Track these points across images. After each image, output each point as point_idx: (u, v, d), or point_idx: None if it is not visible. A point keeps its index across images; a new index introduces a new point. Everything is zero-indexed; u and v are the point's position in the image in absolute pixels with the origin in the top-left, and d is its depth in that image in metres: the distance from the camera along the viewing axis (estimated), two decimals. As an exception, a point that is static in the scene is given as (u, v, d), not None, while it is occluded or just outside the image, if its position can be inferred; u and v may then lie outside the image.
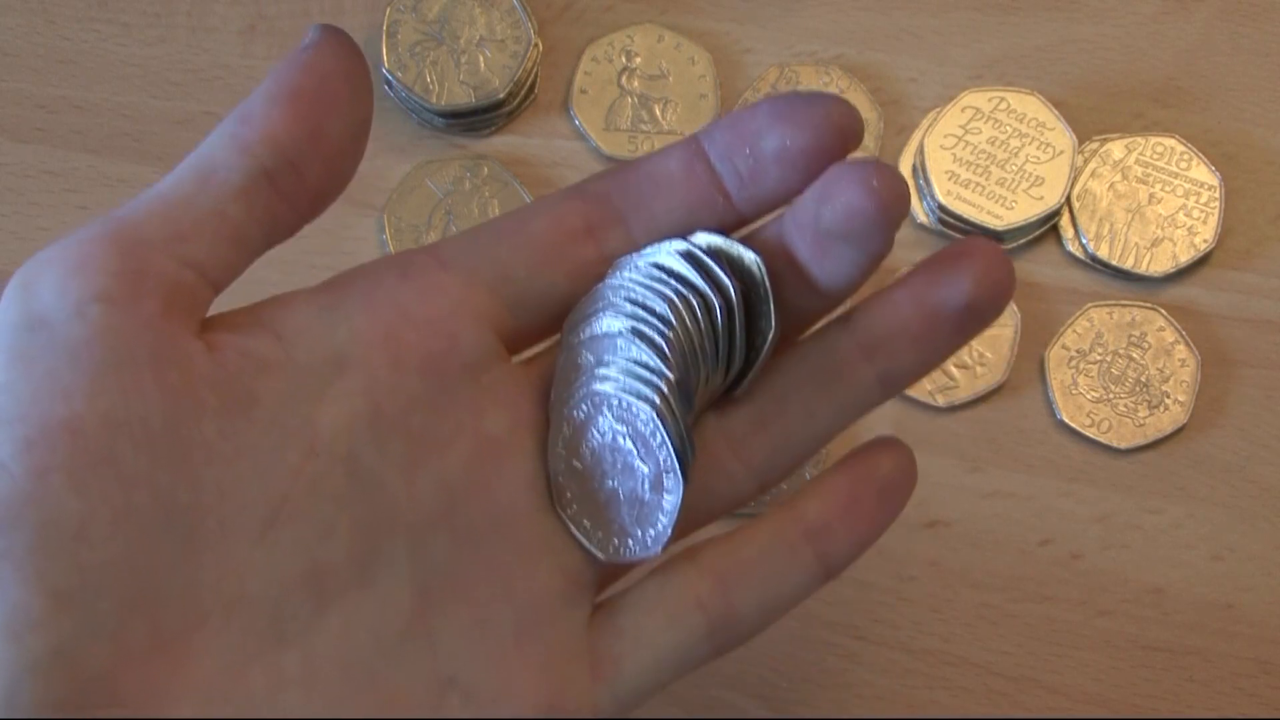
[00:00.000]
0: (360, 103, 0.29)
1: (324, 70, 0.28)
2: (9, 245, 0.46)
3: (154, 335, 0.26)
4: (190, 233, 0.27)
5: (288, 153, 0.28)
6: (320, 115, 0.28)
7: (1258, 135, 0.47)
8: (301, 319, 0.29)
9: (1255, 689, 0.42)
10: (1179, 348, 0.44)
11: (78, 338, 0.26)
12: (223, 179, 0.28)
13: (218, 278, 0.28)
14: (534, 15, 0.47)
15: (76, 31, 0.48)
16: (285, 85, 0.28)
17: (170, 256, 0.27)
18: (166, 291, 0.27)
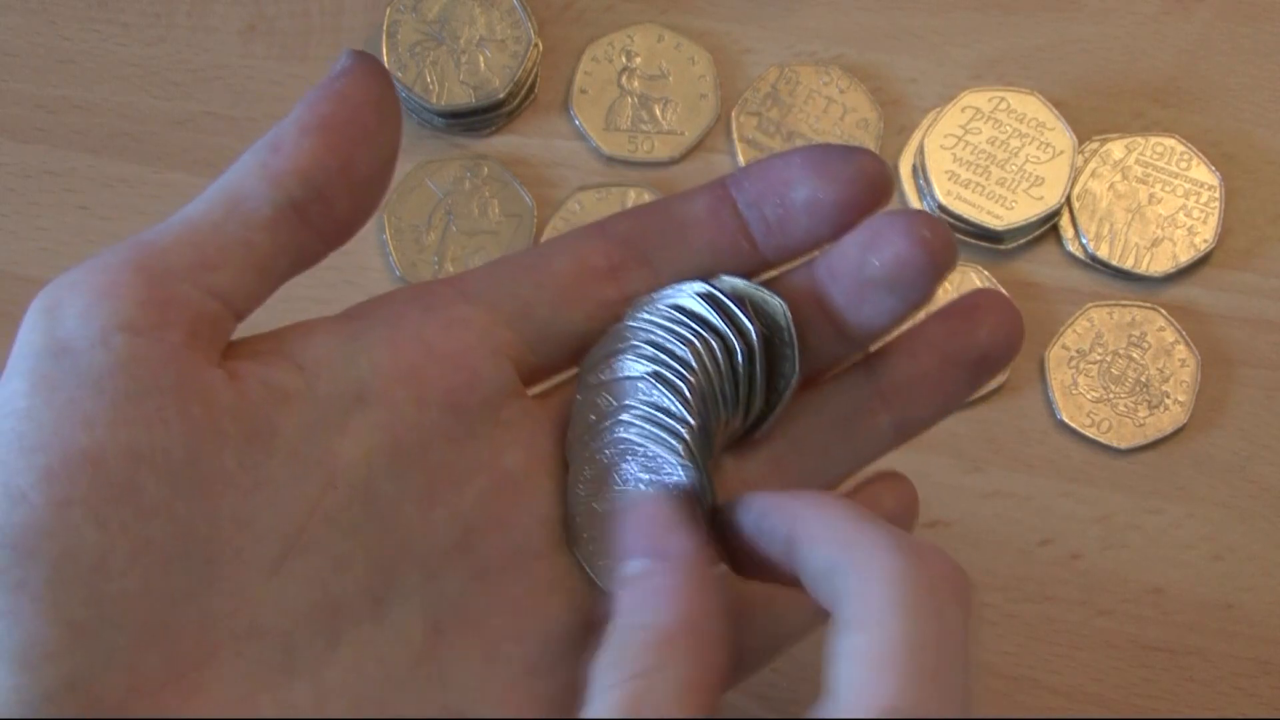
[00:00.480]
0: (390, 133, 0.29)
1: (356, 100, 0.28)
2: (9, 245, 0.46)
3: (178, 366, 0.26)
4: (217, 261, 0.27)
5: (317, 184, 0.28)
6: (351, 146, 0.28)
7: (1258, 135, 0.47)
8: (324, 349, 0.29)
9: (1255, 689, 0.42)
10: (1179, 348, 0.44)
11: (101, 366, 0.26)
12: (251, 209, 0.28)
13: (242, 306, 0.28)
14: (534, 15, 0.47)
15: (76, 31, 0.48)
16: (317, 115, 0.28)
17: (196, 285, 0.27)
18: (191, 321, 0.27)
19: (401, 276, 0.45)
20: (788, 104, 0.47)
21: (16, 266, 0.46)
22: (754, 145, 0.46)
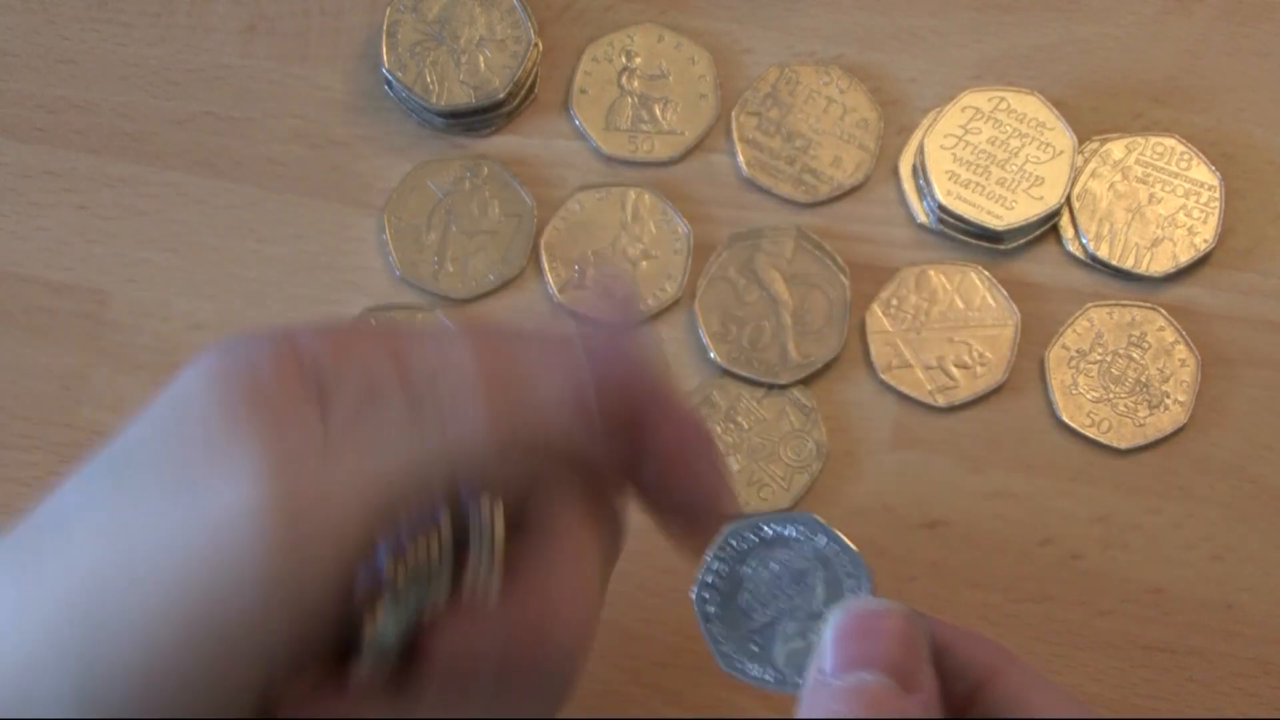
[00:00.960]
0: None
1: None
2: (9, 245, 0.46)
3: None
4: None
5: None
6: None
7: (1258, 135, 0.47)
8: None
9: (1255, 689, 0.42)
10: (1179, 348, 0.44)
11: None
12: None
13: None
14: (534, 15, 0.47)
15: (76, 31, 0.48)
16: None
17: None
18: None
19: (402, 276, 0.45)
20: (788, 104, 0.47)
21: (16, 266, 0.46)
22: (754, 145, 0.46)
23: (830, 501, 0.43)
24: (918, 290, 0.45)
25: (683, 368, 0.45)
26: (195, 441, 0.27)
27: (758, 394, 0.44)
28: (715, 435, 0.44)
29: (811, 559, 0.30)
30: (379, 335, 0.30)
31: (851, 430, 0.44)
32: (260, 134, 0.47)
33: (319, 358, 0.28)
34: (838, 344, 0.44)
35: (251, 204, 0.46)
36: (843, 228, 0.46)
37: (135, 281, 0.46)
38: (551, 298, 0.45)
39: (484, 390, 0.28)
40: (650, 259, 0.45)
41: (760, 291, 0.45)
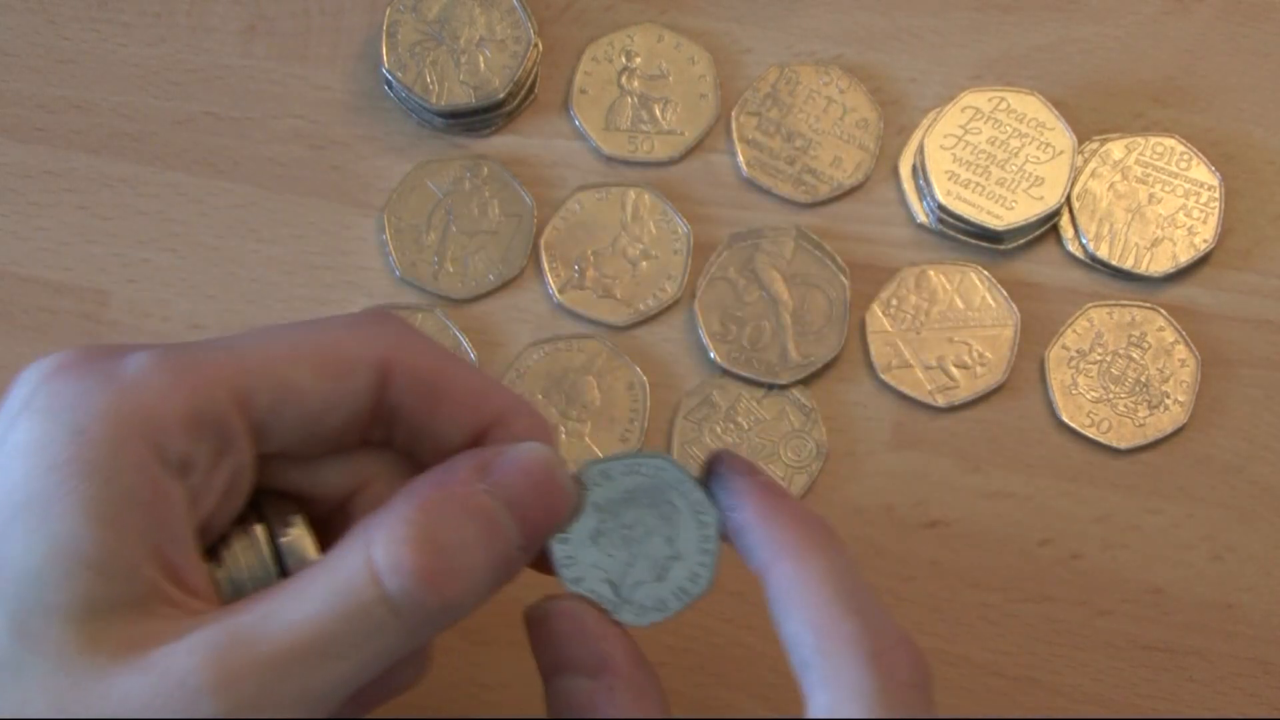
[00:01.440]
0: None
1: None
2: (9, 245, 0.46)
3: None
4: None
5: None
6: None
7: (1258, 135, 0.47)
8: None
9: (1255, 689, 0.42)
10: (1179, 348, 0.44)
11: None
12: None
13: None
14: (534, 15, 0.47)
15: (76, 31, 0.48)
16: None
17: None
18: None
19: (402, 276, 0.45)
20: (788, 104, 0.47)
21: (16, 266, 0.46)
22: (754, 145, 0.46)
23: (830, 501, 0.43)
24: (918, 290, 0.45)
25: (683, 368, 0.45)
26: (94, 610, 0.28)
27: (758, 394, 0.44)
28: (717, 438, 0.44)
29: (662, 499, 0.32)
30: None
31: (851, 430, 0.44)
32: (260, 134, 0.47)
33: (177, 445, 0.30)
34: (838, 344, 0.44)
35: (251, 204, 0.46)
36: (843, 228, 0.46)
37: (135, 281, 0.46)
38: (551, 298, 0.45)
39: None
40: (650, 259, 0.45)
41: (760, 291, 0.45)
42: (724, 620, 0.42)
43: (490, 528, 0.30)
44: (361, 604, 0.28)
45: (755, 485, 0.31)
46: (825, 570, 0.30)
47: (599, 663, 0.30)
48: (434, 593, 0.28)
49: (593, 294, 0.45)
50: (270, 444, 0.31)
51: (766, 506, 0.31)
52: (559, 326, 0.45)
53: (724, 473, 0.32)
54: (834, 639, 0.29)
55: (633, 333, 0.45)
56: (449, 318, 0.45)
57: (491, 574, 0.30)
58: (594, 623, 0.31)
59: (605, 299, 0.45)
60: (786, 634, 0.30)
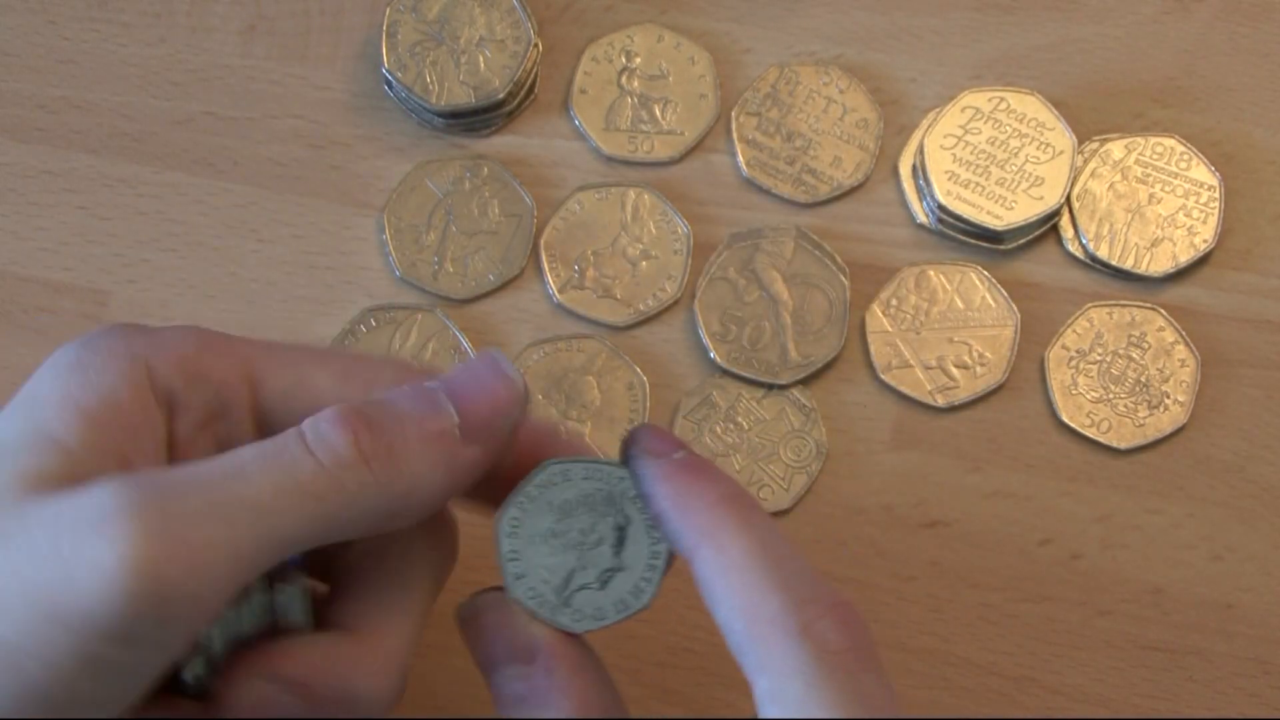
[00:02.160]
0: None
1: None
2: (9, 245, 0.46)
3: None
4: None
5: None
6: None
7: (1258, 135, 0.47)
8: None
9: (1255, 689, 0.42)
10: (1179, 348, 0.44)
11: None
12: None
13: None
14: (534, 15, 0.47)
15: (76, 31, 0.48)
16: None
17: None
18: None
19: (401, 276, 0.45)
20: (788, 104, 0.47)
21: (16, 266, 0.46)
22: (754, 145, 0.46)
23: (830, 501, 0.43)
24: (917, 290, 0.45)
25: (683, 368, 0.45)
26: (49, 477, 0.28)
27: (758, 394, 0.44)
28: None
29: (616, 508, 0.32)
30: (235, 352, 0.32)
31: (851, 430, 0.44)
32: (260, 134, 0.47)
33: (170, 379, 0.31)
34: (838, 344, 0.44)
35: (251, 204, 0.46)
36: (843, 228, 0.46)
37: (135, 281, 0.46)
38: (551, 298, 0.45)
39: (350, 426, 0.29)
40: (650, 259, 0.45)
41: (760, 291, 0.45)
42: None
43: (423, 400, 0.30)
44: (284, 439, 0.29)
45: (668, 468, 0.31)
46: (745, 549, 0.29)
47: (531, 649, 0.30)
48: (351, 441, 0.29)
49: (593, 294, 0.45)
50: (276, 429, 0.31)
51: (680, 490, 0.30)
52: (559, 326, 0.45)
53: (638, 457, 0.31)
54: (761, 621, 0.29)
55: (633, 333, 0.45)
56: (449, 318, 0.45)
57: (424, 448, 0.29)
58: (519, 612, 0.31)
59: (605, 299, 0.45)
60: (718, 621, 0.29)
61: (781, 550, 0.30)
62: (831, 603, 0.29)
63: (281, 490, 0.28)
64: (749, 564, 0.29)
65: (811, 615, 0.28)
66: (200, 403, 0.31)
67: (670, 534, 0.31)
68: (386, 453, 0.29)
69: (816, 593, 0.29)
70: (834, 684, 0.28)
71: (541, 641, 0.30)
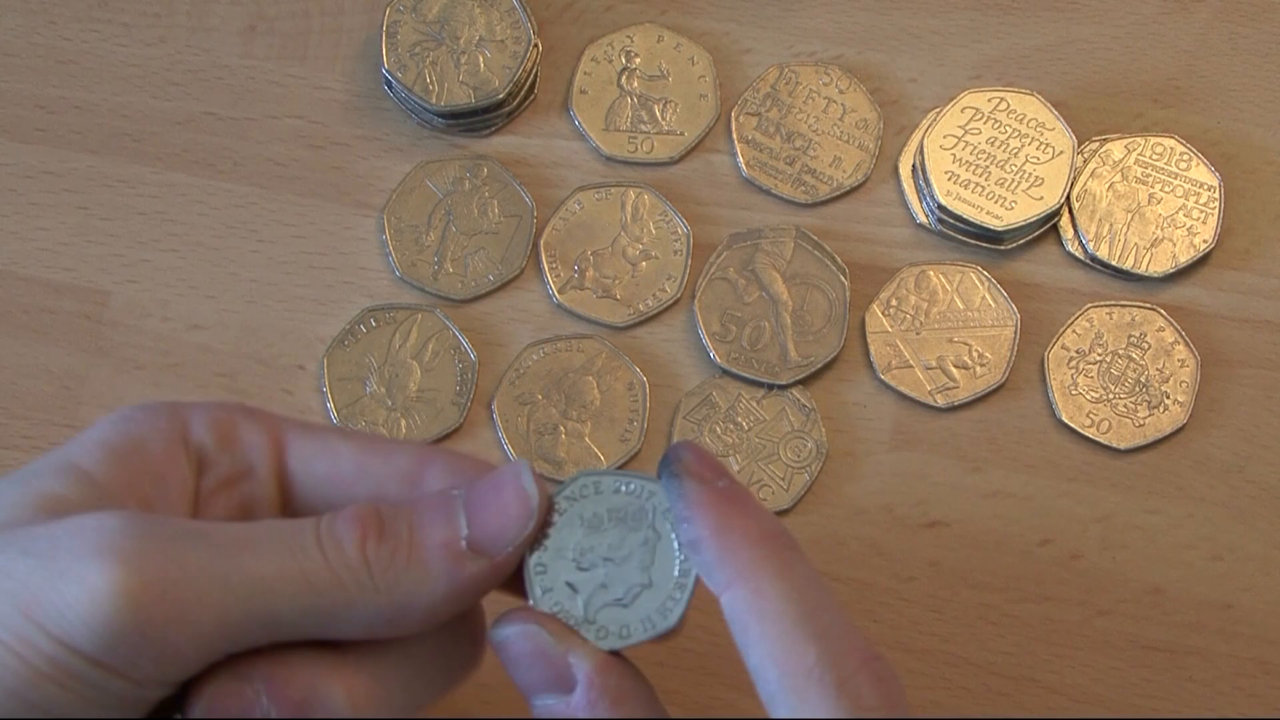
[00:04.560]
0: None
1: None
2: (9, 245, 0.46)
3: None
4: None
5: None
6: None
7: (1258, 135, 0.47)
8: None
9: (1255, 689, 0.42)
10: (1179, 348, 0.44)
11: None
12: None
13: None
14: (534, 15, 0.47)
15: (76, 31, 0.48)
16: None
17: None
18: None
19: (401, 276, 0.45)
20: (787, 104, 0.47)
21: (16, 266, 0.46)
22: (754, 145, 0.46)
23: (830, 501, 0.43)
24: (917, 290, 0.45)
25: (683, 368, 0.45)
26: (69, 502, 0.29)
27: (758, 394, 0.44)
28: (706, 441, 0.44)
29: (646, 524, 0.31)
30: (263, 421, 0.32)
31: (851, 430, 0.44)
32: (260, 134, 0.47)
33: (203, 438, 0.32)
34: (837, 344, 0.44)
35: (251, 204, 0.46)
36: (842, 228, 0.46)
37: (135, 281, 0.46)
38: (551, 298, 0.45)
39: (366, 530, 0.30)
40: (650, 259, 0.45)
41: (760, 291, 0.45)
42: (724, 620, 0.42)
43: (435, 509, 0.30)
44: (295, 526, 0.29)
45: (711, 496, 0.30)
46: (783, 594, 0.29)
47: (567, 681, 0.30)
48: (358, 542, 0.29)
49: (592, 294, 0.45)
50: (298, 493, 0.32)
51: (721, 520, 0.30)
52: (559, 326, 0.45)
53: (679, 476, 0.30)
54: (797, 672, 0.28)
55: (633, 333, 0.45)
56: (449, 318, 0.45)
57: (429, 558, 0.29)
58: (552, 642, 0.30)
59: (605, 299, 0.45)
60: (750, 664, 0.29)
61: (819, 597, 0.29)
62: (866, 657, 0.28)
63: (283, 573, 0.28)
64: (786, 610, 0.29)
65: (848, 671, 0.28)
66: (229, 462, 0.32)
67: (704, 564, 0.30)
68: (389, 558, 0.29)
69: (852, 645, 0.28)
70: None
71: (582, 671, 0.30)
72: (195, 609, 0.27)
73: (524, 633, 0.30)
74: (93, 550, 0.27)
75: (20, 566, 0.27)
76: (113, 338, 0.45)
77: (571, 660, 0.30)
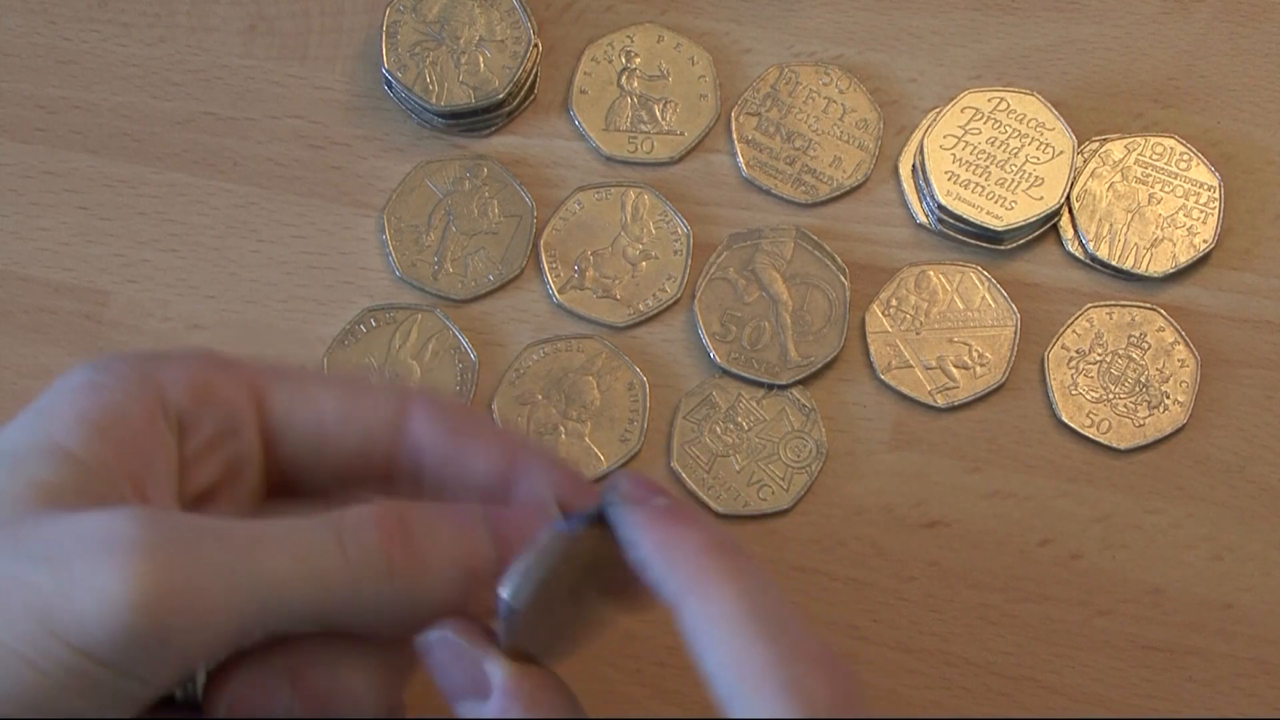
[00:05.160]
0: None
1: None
2: (9, 245, 0.46)
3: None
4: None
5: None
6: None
7: (1258, 135, 0.47)
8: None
9: (1255, 689, 0.42)
10: (1178, 348, 0.44)
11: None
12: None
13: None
14: (534, 15, 0.47)
15: (76, 31, 0.48)
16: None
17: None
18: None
19: (401, 276, 0.45)
20: (787, 104, 0.47)
21: (16, 266, 0.46)
22: (754, 145, 0.46)
23: (830, 501, 0.43)
24: (917, 290, 0.45)
25: (683, 368, 0.45)
26: (64, 490, 0.29)
27: (758, 394, 0.44)
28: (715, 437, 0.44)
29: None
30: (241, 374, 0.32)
31: (851, 430, 0.44)
32: (260, 134, 0.47)
33: (181, 401, 0.31)
34: (838, 344, 0.44)
35: (251, 204, 0.46)
36: (843, 228, 0.46)
37: (135, 281, 0.46)
38: (551, 298, 0.45)
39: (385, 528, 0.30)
40: (650, 259, 0.45)
41: (760, 291, 0.45)
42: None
43: (465, 530, 0.30)
44: (315, 522, 0.29)
45: (650, 515, 0.30)
46: (732, 599, 0.28)
47: (483, 686, 0.30)
48: (383, 548, 0.29)
49: (592, 294, 0.45)
50: (282, 449, 0.32)
51: (664, 538, 0.29)
52: (559, 326, 0.45)
53: (616, 503, 0.30)
54: (748, 674, 0.28)
55: (633, 333, 0.45)
56: (449, 318, 0.45)
57: (453, 574, 0.29)
58: (469, 646, 0.30)
59: (605, 299, 0.45)
60: (704, 671, 0.29)
61: (770, 599, 0.29)
62: (820, 656, 0.28)
63: (299, 573, 0.28)
64: (736, 614, 0.28)
65: (799, 670, 0.28)
66: (210, 424, 0.31)
67: (654, 582, 0.30)
68: (416, 567, 0.29)
69: (805, 645, 0.28)
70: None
71: (493, 679, 0.30)
72: (214, 613, 0.27)
73: (443, 639, 0.30)
74: (109, 558, 0.27)
75: (36, 577, 0.27)
76: (113, 338, 0.45)
77: (485, 669, 0.30)
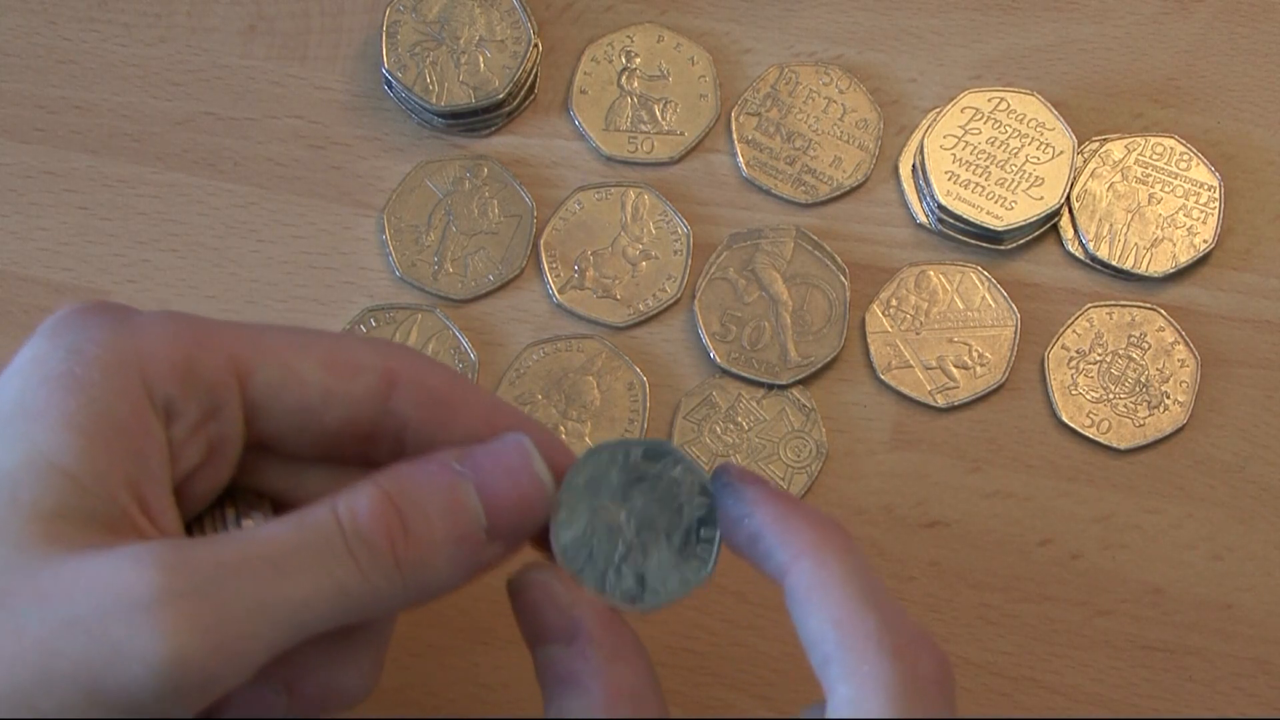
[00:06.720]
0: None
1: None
2: (9, 245, 0.46)
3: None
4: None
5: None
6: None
7: (1258, 135, 0.47)
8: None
9: (1255, 689, 0.42)
10: (1179, 348, 0.44)
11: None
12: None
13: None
14: (534, 15, 0.47)
15: (76, 32, 0.48)
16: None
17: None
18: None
19: (402, 276, 0.45)
20: (787, 104, 0.47)
21: (16, 266, 0.46)
22: (754, 145, 0.46)
23: (830, 501, 0.44)
24: (917, 290, 0.45)
25: (683, 368, 0.45)
26: (66, 516, 0.28)
27: (758, 394, 0.44)
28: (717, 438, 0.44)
29: (674, 502, 0.32)
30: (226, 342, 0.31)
31: (851, 430, 0.44)
32: (260, 134, 0.47)
33: (166, 386, 0.30)
34: (837, 344, 0.44)
35: (251, 204, 0.46)
36: (842, 228, 0.46)
37: (135, 281, 0.46)
38: (551, 298, 0.45)
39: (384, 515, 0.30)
40: (650, 259, 0.45)
41: (760, 291, 0.45)
42: (724, 620, 0.42)
43: (454, 504, 0.30)
44: (321, 531, 0.29)
45: (767, 492, 0.31)
46: (845, 569, 0.30)
47: (571, 629, 0.31)
48: (388, 547, 0.29)
49: (592, 294, 0.45)
50: (265, 425, 0.31)
51: (781, 510, 0.31)
52: (559, 326, 0.45)
53: (733, 482, 0.32)
54: (856, 634, 0.29)
55: (633, 333, 0.45)
56: (449, 318, 0.45)
57: (452, 552, 0.30)
58: (564, 591, 0.31)
59: (605, 299, 0.45)
60: (808, 631, 0.30)
61: (877, 580, 0.30)
62: (925, 636, 0.29)
63: (321, 590, 0.28)
64: (848, 580, 0.29)
65: (906, 640, 0.29)
66: (195, 408, 0.31)
67: (764, 552, 0.31)
68: (419, 557, 0.29)
69: (910, 624, 0.29)
70: (918, 707, 0.28)
71: (581, 624, 0.31)
72: (247, 645, 0.28)
73: (540, 580, 0.31)
74: (144, 618, 0.27)
75: (72, 646, 0.27)
76: (113, 338, 0.45)
77: (576, 614, 0.31)
